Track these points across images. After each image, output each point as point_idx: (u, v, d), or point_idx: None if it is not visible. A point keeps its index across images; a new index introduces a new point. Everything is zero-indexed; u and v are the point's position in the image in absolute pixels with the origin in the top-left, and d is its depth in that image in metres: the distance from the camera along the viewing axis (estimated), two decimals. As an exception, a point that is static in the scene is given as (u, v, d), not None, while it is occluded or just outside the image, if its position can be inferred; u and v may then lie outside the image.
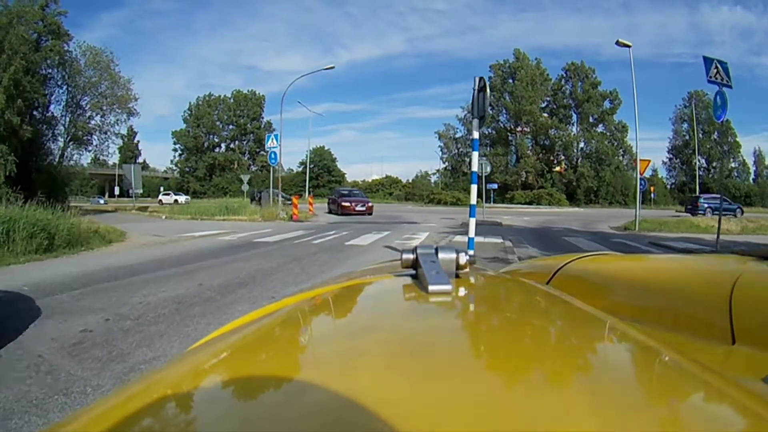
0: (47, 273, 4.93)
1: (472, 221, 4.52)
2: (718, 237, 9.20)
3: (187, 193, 43.97)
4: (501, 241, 8.56)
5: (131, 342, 2.66)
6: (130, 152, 50.70)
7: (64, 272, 4.93)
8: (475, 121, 4.24)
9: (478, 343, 0.34)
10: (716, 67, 9.58)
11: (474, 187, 4.43)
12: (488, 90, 3.97)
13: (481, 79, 4.16)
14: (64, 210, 7.63)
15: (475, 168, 4.36)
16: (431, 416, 0.21)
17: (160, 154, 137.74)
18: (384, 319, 0.39)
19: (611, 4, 72.63)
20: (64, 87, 18.82)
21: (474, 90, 4.18)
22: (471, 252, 4.73)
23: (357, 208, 17.59)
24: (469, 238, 4.61)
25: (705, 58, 9.66)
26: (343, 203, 17.79)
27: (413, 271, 0.47)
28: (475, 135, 4.34)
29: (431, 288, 0.38)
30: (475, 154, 4.36)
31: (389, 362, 0.28)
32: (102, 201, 36.65)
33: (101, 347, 2.62)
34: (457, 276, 0.47)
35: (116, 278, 4.52)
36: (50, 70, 17.94)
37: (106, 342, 2.69)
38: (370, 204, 18.35)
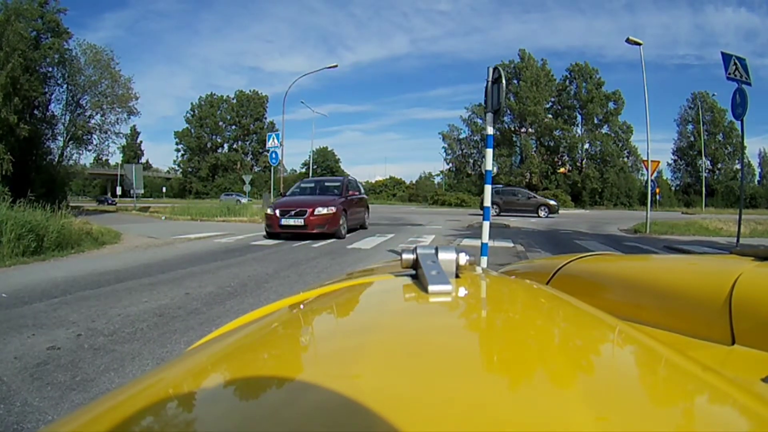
0: (30, 278, 4.62)
1: (486, 225, 4.13)
2: (738, 240, 8.83)
3: (190, 194, 43.68)
4: (512, 245, 8.17)
5: (99, 365, 2.32)
6: (132, 152, 50.70)
7: (48, 277, 4.62)
8: (489, 115, 3.85)
9: (478, 343, 0.34)
10: (735, 64, 9.19)
11: (488, 188, 4.02)
12: (504, 81, 3.61)
13: (495, 69, 3.78)
14: (61, 210, 7.32)
15: (489, 166, 3.95)
16: (431, 416, 0.21)
17: (164, 155, 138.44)
18: (384, 319, 0.38)
19: (615, 5, 72.17)
20: (64, 86, 18.63)
21: (488, 81, 3.80)
22: (484, 259, 4.40)
23: (285, 222, 8.20)
24: (482, 244, 4.21)
25: (723, 54, 9.29)
26: (268, 211, 8.71)
27: (413, 272, 0.47)
28: (490, 131, 3.94)
29: (431, 288, 0.38)
30: (489, 152, 3.95)
31: (389, 362, 0.28)
32: (245, 200, 23.79)
33: (65, 370, 2.29)
34: (457, 276, 0.46)
35: (99, 285, 4.19)
36: (50, 69, 17.74)
37: (72, 363, 2.36)
38: (326, 211, 8.31)
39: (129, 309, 3.31)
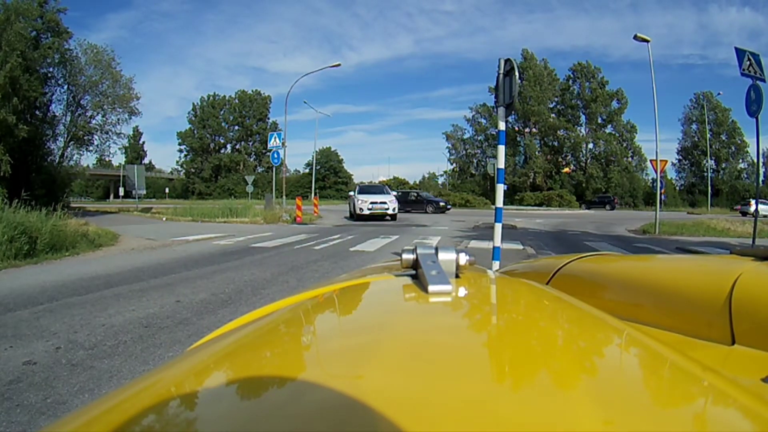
0: (19, 282, 4.42)
1: (498, 227, 3.88)
2: (753, 241, 8.55)
3: (193, 195, 43.54)
4: (522, 247, 7.90)
5: (74, 384, 2.09)
6: (135, 153, 50.65)
7: (37, 282, 4.41)
8: (501, 110, 3.61)
9: (478, 343, 0.33)
10: (749, 60, 8.92)
11: (500, 187, 3.78)
12: (517, 73, 3.37)
13: (507, 60, 3.54)
14: (56, 210, 7.13)
15: (502, 164, 3.71)
16: (432, 416, 0.21)
17: (168, 156, 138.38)
18: (384, 319, 0.38)
19: (619, 5, 71.65)
20: (65, 86, 18.41)
21: (499, 74, 3.56)
22: (496, 263, 4.15)
23: None
24: (494, 247, 3.95)
25: (737, 50, 9.04)
26: None
27: (413, 272, 0.46)
28: (501, 126, 3.68)
29: (431, 288, 0.37)
30: (502, 148, 3.69)
31: (390, 362, 0.28)
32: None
33: (38, 389, 2.07)
34: (457, 276, 0.45)
35: (88, 291, 3.97)
36: (50, 69, 17.53)
37: (46, 382, 2.14)
38: None
39: (114, 318, 3.08)
